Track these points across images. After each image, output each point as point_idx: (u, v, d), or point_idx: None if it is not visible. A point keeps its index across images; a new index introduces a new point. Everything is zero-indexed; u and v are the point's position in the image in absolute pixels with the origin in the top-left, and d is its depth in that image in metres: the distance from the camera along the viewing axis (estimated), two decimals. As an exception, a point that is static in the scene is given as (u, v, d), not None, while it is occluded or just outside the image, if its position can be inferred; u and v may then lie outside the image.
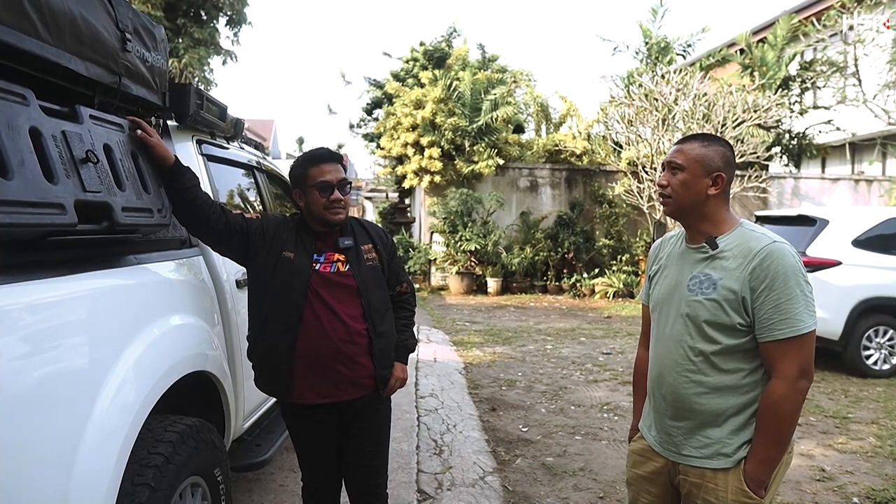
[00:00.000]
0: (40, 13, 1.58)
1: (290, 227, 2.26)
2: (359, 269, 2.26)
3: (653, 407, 1.87)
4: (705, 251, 1.73)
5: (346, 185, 2.23)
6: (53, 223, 1.48)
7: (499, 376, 6.11)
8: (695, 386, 1.71)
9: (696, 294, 1.71)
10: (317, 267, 2.21)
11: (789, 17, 14.46)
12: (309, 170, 2.21)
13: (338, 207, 2.20)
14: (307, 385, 2.19)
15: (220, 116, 2.90)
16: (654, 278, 1.93)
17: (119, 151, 1.86)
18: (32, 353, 1.43)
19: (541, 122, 15.59)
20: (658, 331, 1.84)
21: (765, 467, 1.64)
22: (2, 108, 1.39)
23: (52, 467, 1.46)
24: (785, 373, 1.60)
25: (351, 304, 2.21)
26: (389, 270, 2.40)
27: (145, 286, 2.03)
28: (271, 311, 2.18)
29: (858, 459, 4.09)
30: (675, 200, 1.76)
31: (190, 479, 2.05)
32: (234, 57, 13.95)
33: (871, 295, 6.21)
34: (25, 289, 1.45)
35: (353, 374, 2.21)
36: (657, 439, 1.85)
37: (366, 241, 2.35)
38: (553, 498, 3.46)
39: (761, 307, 1.61)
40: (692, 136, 1.78)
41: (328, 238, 2.27)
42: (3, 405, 1.32)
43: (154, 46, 2.23)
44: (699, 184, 1.72)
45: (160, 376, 1.90)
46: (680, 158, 1.73)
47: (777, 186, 13.81)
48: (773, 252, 1.62)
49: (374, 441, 2.37)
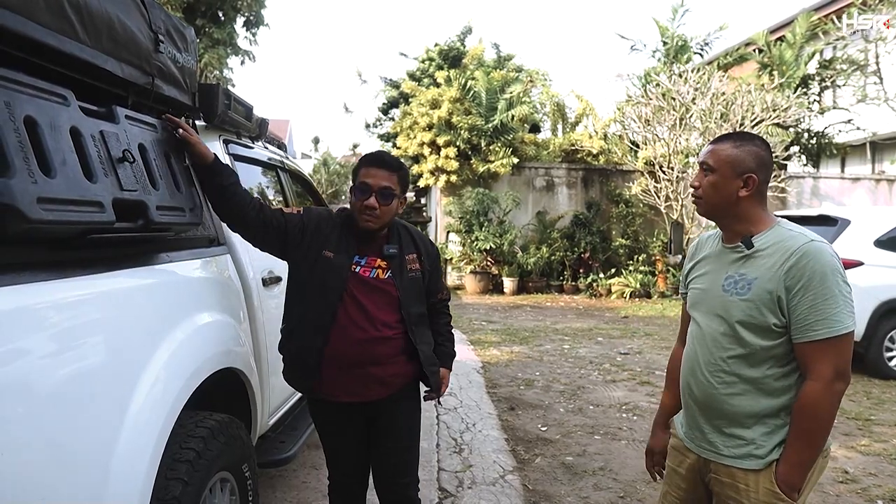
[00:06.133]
0: (80, 16, 1.61)
1: (334, 224, 2.22)
2: (401, 279, 2.21)
3: (685, 405, 1.87)
4: (740, 250, 1.71)
5: (388, 194, 2.13)
6: (93, 221, 1.50)
7: (517, 376, 6.12)
8: (727, 386, 1.69)
9: (731, 294, 1.69)
10: (356, 269, 2.17)
11: (808, 15, 14.31)
12: (359, 168, 2.19)
13: (369, 215, 2.12)
14: (336, 383, 2.18)
15: (246, 116, 2.94)
16: (689, 276, 1.92)
17: (153, 151, 1.89)
18: (72, 349, 1.46)
19: (557, 122, 15.55)
20: (694, 331, 1.83)
21: (798, 470, 1.61)
22: (45, 108, 1.42)
23: (91, 462, 1.48)
24: (820, 374, 1.57)
25: (387, 312, 2.18)
26: (430, 280, 2.36)
27: (178, 284, 2.06)
28: (306, 308, 2.17)
29: (882, 462, 4.04)
30: (705, 201, 1.75)
31: (219, 474, 2.08)
32: (252, 57, 14.05)
33: (894, 296, 6.14)
34: (66, 285, 1.48)
35: (384, 373, 2.19)
36: (689, 436, 1.85)
37: (411, 250, 2.29)
38: (574, 497, 3.46)
39: (797, 307, 1.57)
40: (727, 135, 1.75)
41: (373, 242, 2.22)
42: (47, 400, 1.35)
43: (185, 47, 2.26)
44: (729, 185, 1.69)
45: (192, 372, 1.93)
46: (711, 159, 1.72)
47: (796, 186, 13.68)
48: (810, 251, 1.58)
49: (404, 438, 2.35)
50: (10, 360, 1.28)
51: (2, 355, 1.26)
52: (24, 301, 1.34)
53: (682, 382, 1.87)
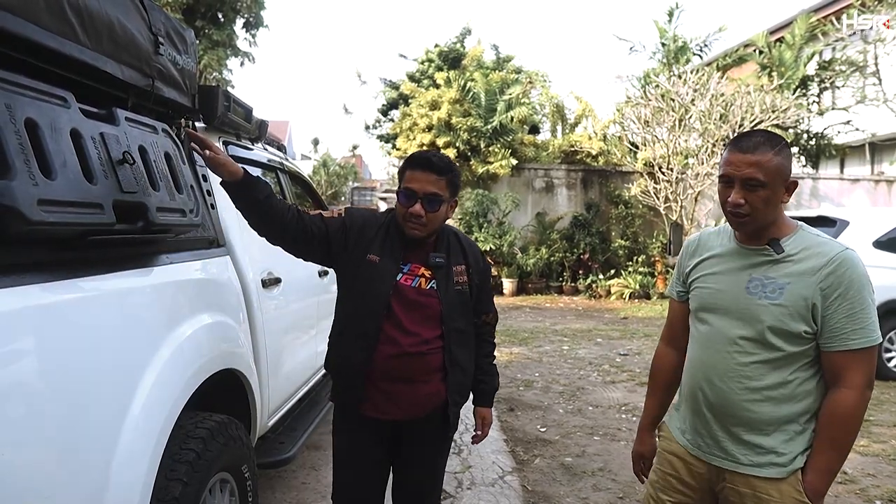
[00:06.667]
0: (80, 18, 1.61)
1: (379, 226, 2.08)
2: (446, 291, 2.05)
3: (693, 411, 1.78)
4: (768, 254, 1.63)
5: (436, 200, 1.98)
6: (93, 222, 1.51)
7: (516, 377, 6.12)
8: (748, 393, 1.62)
9: (759, 297, 1.61)
10: (398, 277, 2.02)
11: (807, 17, 14.34)
12: (404, 171, 2.04)
13: (414, 223, 1.98)
14: (371, 399, 2.04)
15: (245, 118, 2.95)
16: (692, 274, 1.82)
17: (153, 153, 1.90)
18: (74, 350, 1.47)
19: (556, 123, 15.57)
20: (706, 333, 1.73)
21: (827, 478, 1.59)
22: (45, 110, 1.43)
23: (92, 462, 1.49)
24: (855, 383, 1.55)
25: (427, 327, 2.02)
26: (478, 297, 2.18)
27: (178, 285, 2.07)
28: (349, 317, 2.06)
29: (881, 462, 4.06)
30: (754, 219, 1.60)
31: (219, 474, 2.09)
32: (252, 58, 14.11)
33: (893, 297, 6.14)
34: (67, 286, 1.49)
35: (415, 392, 2.04)
36: (695, 443, 1.77)
37: (459, 260, 2.13)
38: (573, 498, 3.47)
39: (833, 315, 1.54)
40: (758, 141, 1.58)
41: (420, 249, 2.07)
42: (48, 400, 1.36)
43: (184, 50, 2.27)
44: (779, 196, 1.59)
45: (192, 373, 1.94)
46: (760, 174, 1.55)
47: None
48: (847, 259, 1.55)
49: (428, 466, 2.20)
50: (13, 360, 1.29)
51: (4, 355, 1.26)
52: (25, 302, 1.34)
53: (691, 388, 1.78)
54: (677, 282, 1.93)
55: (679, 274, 1.91)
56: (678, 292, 1.92)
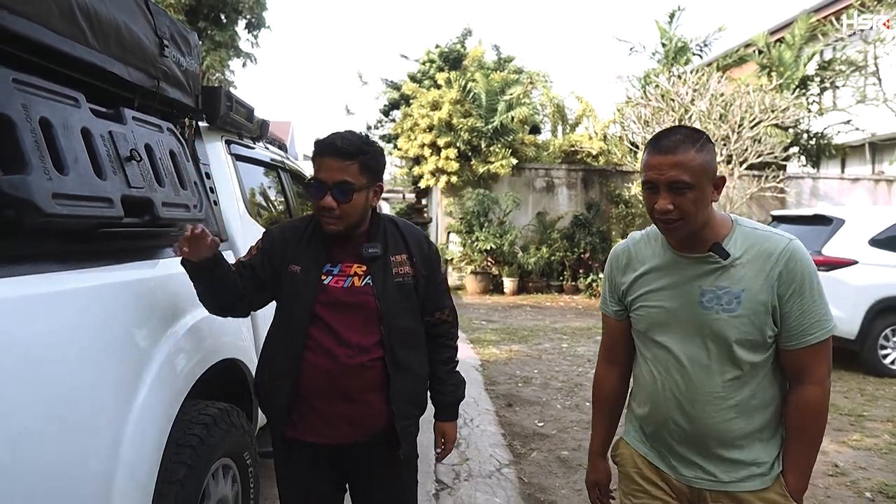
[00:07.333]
0: (90, 22, 1.70)
1: (300, 232, 1.87)
2: (382, 285, 1.80)
3: (662, 442, 1.64)
4: (714, 261, 1.50)
5: (346, 189, 1.72)
6: (103, 216, 1.60)
7: (515, 373, 6.20)
8: (725, 412, 1.52)
9: (717, 312, 1.50)
10: (326, 281, 1.79)
11: (807, 17, 14.37)
12: (314, 159, 1.78)
13: (328, 217, 1.75)
14: (301, 419, 1.82)
15: (247, 118, 3.03)
16: (630, 293, 1.65)
17: (159, 150, 1.99)
18: (86, 336, 1.55)
19: (557, 123, 15.63)
20: (664, 357, 1.59)
21: (807, 475, 1.55)
22: (58, 110, 1.52)
23: (102, 442, 1.57)
24: (819, 376, 1.50)
25: (363, 330, 1.78)
26: (427, 290, 1.90)
27: (183, 276, 2.15)
28: (276, 333, 1.87)
29: (872, 456, 4.12)
30: (686, 223, 1.47)
31: (221, 460, 2.17)
32: (254, 59, 14.20)
33: (889, 294, 6.21)
34: (78, 276, 1.58)
35: (354, 412, 1.79)
36: (669, 466, 1.64)
37: (400, 249, 1.87)
38: (567, 490, 3.54)
39: (790, 313, 1.47)
40: (678, 140, 1.45)
41: (350, 245, 1.83)
42: (61, 384, 1.44)
43: (188, 52, 2.36)
44: (707, 196, 1.47)
45: (196, 361, 2.02)
46: (685, 175, 1.42)
47: (795, 187, 13.73)
48: (795, 252, 1.47)
49: (388, 498, 1.94)
50: (27, 345, 1.37)
51: (18, 341, 1.34)
52: (39, 289, 1.42)
53: (659, 420, 1.62)
54: (611, 299, 1.74)
55: (612, 291, 1.73)
56: (615, 311, 1.74)
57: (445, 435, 2.01)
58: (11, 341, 1.31)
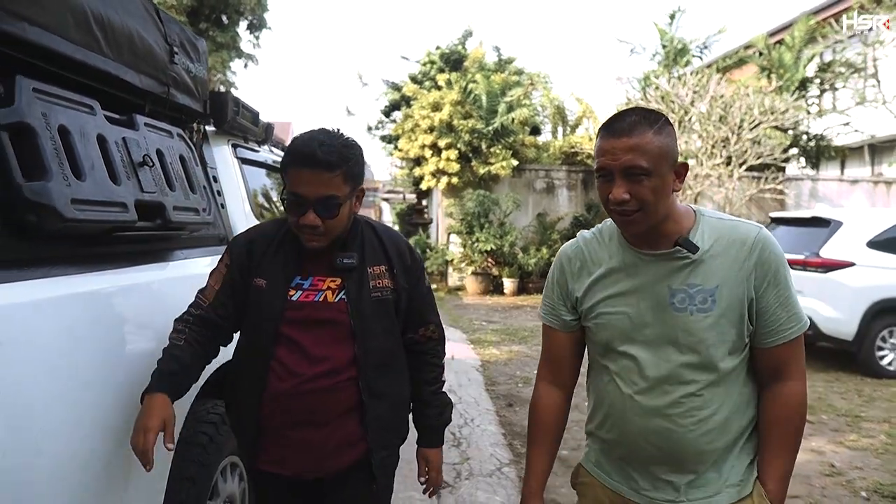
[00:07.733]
0: (104, 32, 1.75)
1: (268, 240, 1.69)
2: (358, 299, 1.62)
3: (631, 462, 1.47)
4: (683, 256, 1.35)
5: (332, 203, 1.54)
6: (118, 220, 1.65)
7: (515, 374, 6.25)
8: (701, 425, 1.36)
9: (690, 312, 1.34)
10: (294, 297, 1.61)
11: (807, 19, 14.44)
12: (286, 169, 1.59)
13: (310, 234, 1.57)
14: (269, 450, 1.66)
15: (253, 122, 3.08)
16: (586, 300, 1.47)
17: (169, 155, 2.04)
18: (103, 336, 1.60)
19: (557, 124, 15.68)
20: (631, 369, 1.42)
21: (787, 481, 1.42)
22: (75, 118, 1.57)
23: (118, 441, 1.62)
24: (798, 373, 1.39)
25: (334, 349, 1.61)
26: (410, 304, 1.73)
27: (193, 279, 2.19)
28: (241, 353, 1.72)
29: (868, 456, 4.17)
30: (646, 214, 1.31)
31: (229, 458, 2.22)
32: (255, 60, 14.25)
33: (886, 296, 6.25)
34: (95, 278, 1.62)
35: (328, 439, 1.62)
36: (636, 488, 1.46)
37: (378, 259, 1.69)
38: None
39: (767, 307, 1.35)
40: (633, 121, 1.30)
41: (322, 256, 1.64)
42: (80, 380, 1.49)
43: (197, 58, 2.40)
44: (668, 184, 1.32)
45: (205, 362, 2.06)
46: (642, 160, 1.27)
47: (794, 188, 13.78)
48: (766, 241, 1.35)
49: None
50: (46, 344, 1.41)
51: (38, 341, 1.38)
52: (58, 291, 1.47)
53: (631, 440, 1.44)
54: (561, 307, 1.54)
55: (562, 298, 1.53)
56: (566, 321, 1.54)
57: (430, 462, 1.83)
58: (31, 341, 1.35)
